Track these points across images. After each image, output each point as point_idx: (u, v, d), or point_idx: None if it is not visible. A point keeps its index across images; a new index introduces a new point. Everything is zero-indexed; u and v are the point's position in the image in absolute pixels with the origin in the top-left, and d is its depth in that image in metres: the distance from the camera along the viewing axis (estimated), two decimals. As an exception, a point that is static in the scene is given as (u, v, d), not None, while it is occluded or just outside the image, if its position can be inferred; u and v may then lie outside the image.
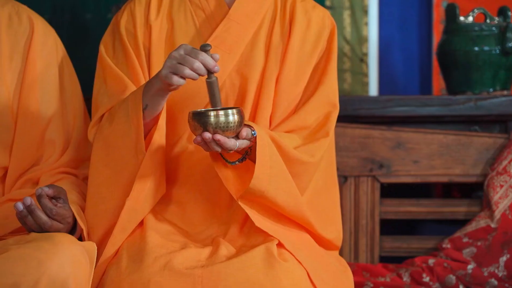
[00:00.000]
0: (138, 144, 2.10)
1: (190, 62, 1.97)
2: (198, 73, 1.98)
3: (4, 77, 2.29)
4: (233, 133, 1.98)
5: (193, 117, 1.98)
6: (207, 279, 2.00)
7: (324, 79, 2.24)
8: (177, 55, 1.99)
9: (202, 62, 1.98)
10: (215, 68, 1.99)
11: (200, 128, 1.98)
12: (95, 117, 2.22)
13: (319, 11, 2.30)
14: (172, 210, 2.22)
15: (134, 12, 2.29)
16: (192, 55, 1.98)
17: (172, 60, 1.99)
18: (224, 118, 1.97)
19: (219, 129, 1.96)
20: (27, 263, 1.91)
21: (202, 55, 1.98)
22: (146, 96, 2.08)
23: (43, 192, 2.05)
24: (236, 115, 1.98)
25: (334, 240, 2.26)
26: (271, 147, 2.06)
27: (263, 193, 2.06)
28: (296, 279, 2.03)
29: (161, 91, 2.06)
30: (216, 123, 1.96)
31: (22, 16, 2.35)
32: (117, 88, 2.21)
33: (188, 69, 1.97)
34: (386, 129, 2.73)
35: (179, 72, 1.98)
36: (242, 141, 2.01)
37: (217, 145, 1.97)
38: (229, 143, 1.97)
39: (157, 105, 2.09)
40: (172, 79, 1.99)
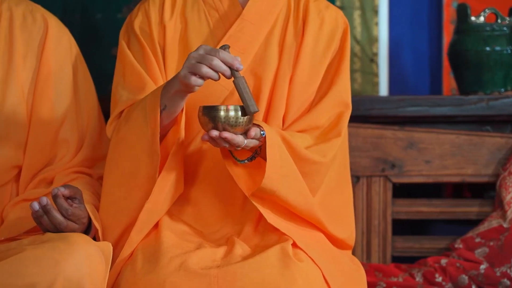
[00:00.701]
0: (154, 145, 2.09)
1: (208, 60, 1.96)
2: (217, 70, 1.96)
3: (18, 76, 2.29)
4: (242, 130, 1.98)
5: (203, 112, 1.98)
6: (223, 279, 1.99)
7: (337, 79, 2.24)
8: (196, 55, 1.98)
9: (222, 59, 1.96)
10: (237, 65, 1.97)
11: (209, 123, 1.97)
12: (114, 113, 2.22)
13: (332, 11, 2.30)
14: (187, 210, 2.22)
15: (148, 12, 2.29)
16: (212, 53, 1.97)
17: (191, 60, 1.98)
18: (233, 113, 1.96)
19: (228, 124, 1.96)
20: (43, 264, 1.91)
21: (221, 52, 1.97)
22: (164, 97, 2.07)
23: (59, 192, 2.05)
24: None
25: (347, 240, 2.25)
26: (281, 146, 2.06)
27: (274, 192, 2.06)
28: (311, 279, 2.03)
29: (180, 92, 2.05)
30: (225, 118, 1.96)
31: (36, 15, 2.36)
32: (136, 85, 2.21)
33: (206, 67, 1.96)
34: (398, 129, 2.73)
35: (197, 71, 1.97)
36: (251, 140, 2.01)
37: (225, 141, 1.97)
38: (236, 139, 1.97)
39: (176, 106, 2.08)
40: (190, 79, 1.98)
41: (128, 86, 2.23)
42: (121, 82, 2.25)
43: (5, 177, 2.28)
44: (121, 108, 2.21)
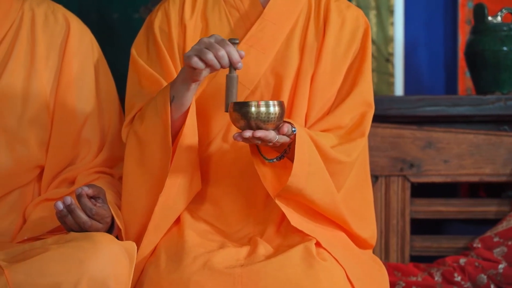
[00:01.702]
0: (166, 138, 2.09)
1: (215, 49, 1.98)
2: (220, 62, 1.97)
3: (40, 76, 2.30)
4: (273, 125, 1.98)
5: (234, 108, 1.98)
6: (247, 278, 2.00)
7: (359, 79, 2.25)
8: (206, 41, 1.99)
9: (228, 53, 1.98)
10: (239, 64, 1.99)
11: (241, 119, 1.97)
12: (129, 117, 2.22)
13: (353, 11, 2.31)
14: (208, 210, 2.22)
15: (168, 12, 2.29)
16: (221, 43, 1.99)
17: (201, 45, 1.99)
18: (265, 109, 1.96)
19: (260, 120, 1.96)
20: (67, 263, 1.92)
21: (230, 46, 1.99)
22: (172, 88, 2.09)
23: (83, 192, 2.05)
24: (277, 106, 1.97)
25: (369, 239, 2.26)
26: (310, 145, 2.06)
27: (301, 191, 2.06)
28: (335, 278, 2.04)
29: (186, 79, 2.06)
30: (257, 114, 1.96)
31: (58, 16, 2.36)
32: (152, 89, 2.21)
33: (211, 54, 1.97)
34: (416, 129, 2.74)
35: (202, 55, 1.98)
36: (282, 136, 2.01)
37: (258, 139, 1.97)
38: (269, 136, 1.96)
39: (182, 96, 2.08)
40: (192, 60, 1.98)
41: (145, 91, 2.23)
42: (136, 87, 2.26)
43: (28, 177, 2.29)
44: (137, 109, 2.22)
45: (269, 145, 2.01)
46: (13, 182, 2.27)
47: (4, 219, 2.25)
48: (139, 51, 2.29)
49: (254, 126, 1.97)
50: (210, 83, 2.21)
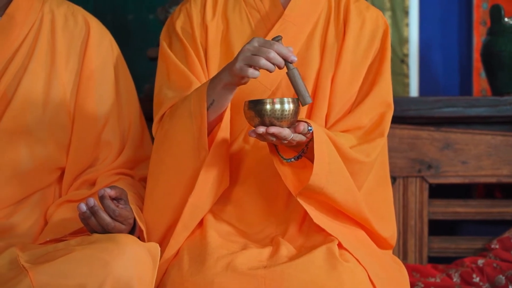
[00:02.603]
0: (201, 141, 2.09)
1: (265, 52, 1.97)
2: (273, 63, 1.97)
3: (61, 78, 2.30)
4: (288, 123, 1.98)
5: (249, 106, 1.98)
6: (270, 280, 2.00)
7: (378, 79, 2.25)
8: (251, 47, 1.99)
9: (277, 51, 1.97)
10: (292, 57, 1.98)
11: (255, 117, 1.97)
12: (160, 113, 2.22)
13: (372, 12, 2.31)
14: (230, 211, 2.22)
15: (190, 13, 2.30)
16: (267, 45, 1.98)
17: (246, 53, 1.98)
18: (279, 106, 1.96)
19: (274, 117, 1.96)
20: (92, 264, 1.91)
21: (276, 45, 1.98)
22: (212, 92, 2.08)
23: (106, 193, 2.05)
24: (291, 103, 1.97)
25: (389, 239, 2.26)
26: (329, 143, 2.06)
27: (322, 189, 2.06)
28: (358, 280, 2.03)
29: (230, 85, 2.05)
30: (271, 111, 1.96)
31: (77, 17, 2.36)
32: (181, 84, 2.22)
33: (263, 59, 1.96)
34: (434, 130, 2.74)
35: (254, 63, 1.97)
36: (297, 135, 2.00)
37: (272, 136, 1.97)
38: (283, 133, 1.96)
39: (224, 100, 2.08)
40: (248, 72, 1.98)
41: (173, 85, 2.23)
42: (165, 83, 2.26)
43: (49, 179, 2.29)
44: (167, 107, 2.21)
45: (284, 143, 2.01)
46: (35, 184, 2.27)
47: (26, 220, 2.25)
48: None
49: (268, 123, 1.97)
50: (231, 84, 2.21)
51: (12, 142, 2.23)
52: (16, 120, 2.24)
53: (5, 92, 2.25)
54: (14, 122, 2.23)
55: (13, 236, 2.21)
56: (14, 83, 2.25)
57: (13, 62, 2.26)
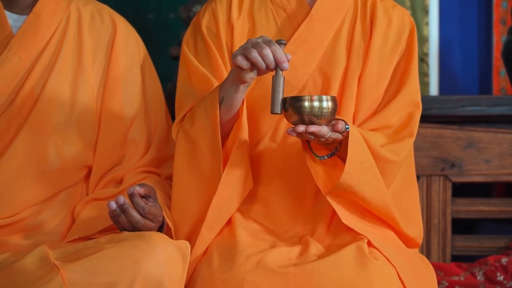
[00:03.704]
0: (215, 140, 2.10)
1: (260, 47, 1.96)
2: (264, 61, 1.95)
3: (88, 77, 2.30)
4: (326, 121, 1.97)
5: (288, 103, 1.97)
6: (300, 278, 2.00)
7: (406, 79, 2.25)
8: (253, 40, 1.99)
9: (273, 52, 1.96)
10: (284, 64, 1.96)
11: (294, 114, 1.97)
12: (180, 116, 2.23)
13: (399, 11, 2.31)
14: (257, 209, 2.23)
15: (216, 12, 2.30)
16: (266, 43, 1.97)
17: (247, 44, 1.98)
18: (318, 104, 1.96)
19: (313, 114, 1.96)
20: (123, 262, 1.92)
21: (275, 45, 1.97)
22: (222, 89, 2.09)
23: (135, 191, 2.05)
24: (330, 101, 1.97)
25: (416, 238, 2.26)
26: (362, 142, 2.07)
27: (352, 188, 2.06)
28: (387, 278, 2.04)
29: (234, 81, 2.05)
30: (310, 108, 1.95)
31: (104, 16, 2.37)
32: (202, 87, 2.22)
33: (255, 52, 1.95)
34: (457, 128, 2.74)
35: (247, 54, 1.96)
36: (335, 133, 2.00)
37: (311, 134, 1.97)
38: (322, 131, 1.96)
39: (232, 98, 2.08)
40: (237, 58, 1.97)
41: (194, 88, 2.23)
42: (186, 86, 2.26)
43: (76, 177, 2.29)
44: (187, 109, 2.22)
45: (321, 141, 2.01)
46: (62, 182, 2.27)
47: (54, 218, 2.25)
48: (188, 49, 2.30)
49: (307, 120, 1.96)
50: (257, 84, 2.21)
51: (39, 140, 2.24)
52: (43, 119, 2.24)
53: (32, 90, 2.25)
54: (41, 120, 2.24)
55: (40, 234, 2.22)
56: (41, 82, 2.26)
57: (40, 60, 2.27)
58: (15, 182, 2.22)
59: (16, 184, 2.22)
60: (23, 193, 2.23)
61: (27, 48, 2.26)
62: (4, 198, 2.21)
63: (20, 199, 2.22)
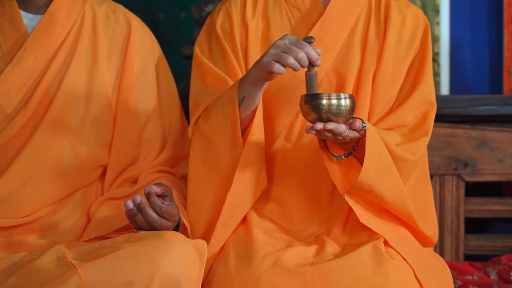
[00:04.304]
0: (235, 137, 2.10)
1: (295, 52, 1.98)
2: (301, 64, 1.98)
3: (103, 76, 2.30)
4: (344, 119, 1.98)
5: (305, 100, 1.98)
6: (317, 277, 2.00)
7: (421, 78, 2.25)
8: (282, 44, 2.00)
9: (307, 53, 1.98)
10: (318, 61, 1.99)
11: (312, 112, 1.97)
12: (195, 115, 2.23)
13: (413, 10, 2.32)
14: (273, 209, 2.23)
15: (230, 12, 2.30)
16: (298, 45, 1.99)
17: (277, 49, 1.99)
18: (336, 101, 1.96)
19: (331, 112, 1.96)
20: (140, 261, 1.92)
21: (307, 46, 1.99)
22: (242, 88, 2.09)
23: (152, 190, 2.05)
24: (348, 99, 1.97)
25: (432, 237, 2.27)
26: (379, 141, 2.07)
27: (370, 186, 2.06)
28: (404, 276, 2.04)
29: (257, 80, 2.06)
30: (328, 106, 1.96)
31: (118, 15, 2.37)
32: (217, 87, 2.22)
33: (292, 58, 1.97)
34: (470, 128, 2.74)
35: (282, 60, 1.98)
36: (352, 131, 2.01)
37: (329, 132, 1.97)
38: (340, 128, 1.97)
39: (254, 96, 2.09)
40: (274, 66, 1.98)
41: (209, 88, 2.24)
42: (201, 86, 2.26)
43: (91, 176, 2.29)
44: (203, 109, 2.22)
45: (338, 139, 2.01)
46: (77, 181, 2.27)
47: (69, 218, 2.25)
48: (201, 50, 2.30)
49: (325, 118, 1.97)
50: (272, 83, 2.21)
51: (55, 140, 2.24)
52: (59, 118, 2.24)
53: (48, 90, 2.25)
54: (57, 120, 2.24)
55: (56, 233, 2.22)
56: (57, 81, 2.26)
57: (55, 60, 2.27)
58: (31, 182, 2.22)
59: (31, 183, 2.22)
60: (39, 193, 2.23)
61: (42, 48, 2.26)
62: (20, 198, 2.21)
63: (36, 198, 2.23)
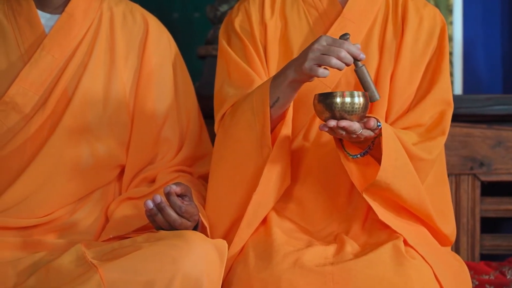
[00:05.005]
0: (264, 138, 2.10)
1: (336, 52, 1.97)
2: (345, 62, 1.97)
3: (121, 76, 2.30)
4: (357, 117, 1.98)
5: (319, 99, 1.98)
6: (338, 276, 2.00)
7: (438, 77, 2.25)
8: (320, 47, 1.99)
9: (348, 50, 1.97)
10: (361, 55, 1.98)
11: (325, 111, 1.97)
12: (222, 111, 2.23)
13: (430, 9, 2.32)
14: (292, 208, 2.23)
15: (249, 12, 2.31)
16: (337, 44, 1.98)
17: (316, 52, 1.99)
18: (349, 99, 1.96)
19: (344, 111, 1.96)
20: (161, 261, 1.92)
21: (346, 43, 1.98)
22: (277, 89, 2.09)
23: (172, 190, 2.04)
24: (361, 97, 1.97)
25: (450, 236, 2.26)
26: (395, 139, 2.07)
27: (389, 185, 2.06)
28: (424, 276, 2.03)
29: (296, 82, 2.06)
30: (341, 104, 1.96)
31: (136, 15, 2.37)
32: (242, 82, 2.22)
33: (335, 59, 1.97)
34: (486, 127, 2.74)
35: (325, 63, 1.97)
36: (366, 130, 2.01)
37: (342, 129, 1.98)
38: (354, 126, 1.96)
39: (289, 97, 2.09)
40: (318, 71, 1.98)
41: (234, 83, 2.24)
42: (226, 80, 2.26)
43: (109, 176, 2.29)
44: (229, 105, 2.22)
45: (353, 137, 2.01)
46: (95, 181, 2.27)
47: (87, 218, 2.25)
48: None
49: (338, 117, 1.97)
50: (291, 83, 2.21)
51: (73, 140, 2.24)
52: (77, 118, 2.24)
53: (66, 90, 2.25)
54: (75, 120, 2.24)
55: (75, 233, 2.22)
56: (74, 81, 2.26)
57: (73, 60, 2.27)
58: (49, 182, 2.22)
59: (50, 183, 2.22)
60: (57, 193, 2.23)
61: (60, 48, 2.26)
62: (38, 198, 2.21)
63: (54, 198, 2.22)
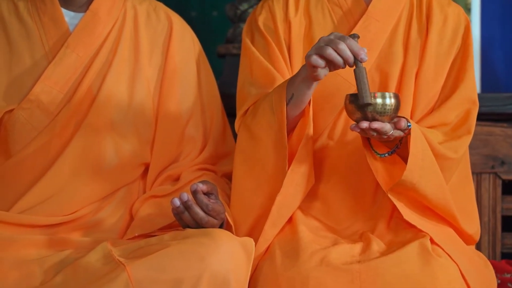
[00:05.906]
0: (281, 137, 2.10)
1: (335, 43, 1.96)
2: (341, 55, 1.95)
3: (144, 74, 2.30)
4: (388, 118, 1.98)
5: (350, 100, 1.98)
6: (365, 274, 2.00)
7: (463, 76, 2.25)
8: (325, 38, 1.99)
9: (349, 46, 1.96)
10: (362, 55, 1.96)
11: (356, 111, 1.97)
12: (243, 109, 2.23)
13: (454, 8, 2.32)
14: (317, 207, 2.23)
15: (273, 9, 2.31)
16: (340, 39, 1.97)
17: (320, 43, 1.98)
18: (381, 101, 1.96)
19: (376, 112, 1.96)
20: (189, 259, 1.92)
21: (349, 40, 1.97)
22: (292, 86, 2.09)
23: (199, 188, 2.04)
24: (393, 98, 1.97)
25: (474, 235, 2.26)
26: (423, 140, 2.07)
27: (414, 185, 2.06)
28: (451, 275, 2.03)
29: (306, 79, 2.06)
30: (373, 105, 1.96)
31: (159, 13, 2.37)
32: (265, 80, 2.22)
33: (331, 49, 1.95)
34: (507, 126, 2.74)
35: (322, 52, 1.96)
36: (397, 130, 2.01)
37: (374, 131, 1.97)
38: (385, 127, 1.97)
39: (302, 95, 2.08)
40: (311, 58, 1.97)
41: (256, 81, 2.24)
42: (248, 78, 2.26)
43: (133, 175, 2.29)
44: (250, 103, 2.22)
45: (383, 138, 2.01)
46: (120, 179, 2.27)
47: (112, 216, 2.25)
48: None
49: (370, 117, 1.97)
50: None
51: (98, 138, 2.24)
52: (101, 116, 2.24)
53: (90, 88, 2.25)
54: (99, 118, 2.24)
55: (99, 231, 2.22)
56: (99, 80, 2.26)
57: (97, 58, 2.27)
58: (74, 180, 2.22)
59: (74, 182, 2.22)
60: (82, 191, 2.23)
61: (85, 46, 2.26)
62: (63, 196, 2.21)
63: (79, 196, 2.22)
